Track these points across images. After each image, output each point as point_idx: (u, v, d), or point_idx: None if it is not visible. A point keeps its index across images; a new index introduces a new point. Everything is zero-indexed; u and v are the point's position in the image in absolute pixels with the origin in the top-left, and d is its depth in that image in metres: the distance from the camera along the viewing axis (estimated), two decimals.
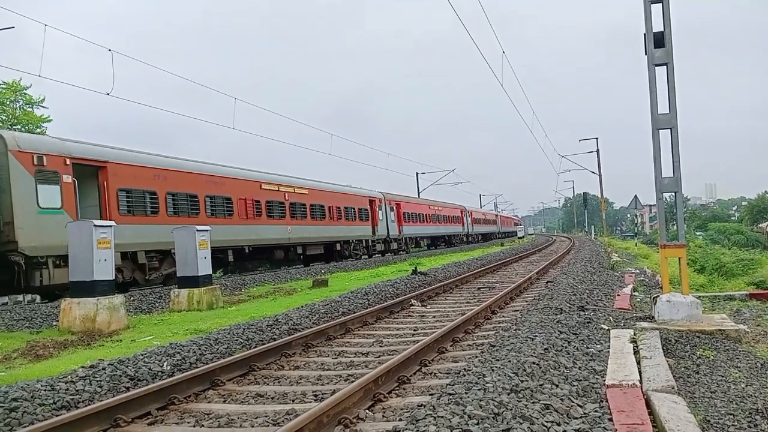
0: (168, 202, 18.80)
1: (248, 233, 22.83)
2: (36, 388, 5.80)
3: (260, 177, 24.73)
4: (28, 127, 37.01)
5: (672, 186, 9.25)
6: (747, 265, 23.36)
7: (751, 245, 51.37)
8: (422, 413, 4.47)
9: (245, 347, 8.26)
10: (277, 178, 26.03)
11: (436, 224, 48.88)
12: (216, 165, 22.54)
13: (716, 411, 4.93)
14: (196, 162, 21.41)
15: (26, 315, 12.23)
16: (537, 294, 12.88)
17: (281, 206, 25.40)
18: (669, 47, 9.16)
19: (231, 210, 21.85)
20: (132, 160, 17.79)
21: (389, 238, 37.65)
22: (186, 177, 19.82)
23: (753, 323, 9.00)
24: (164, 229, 16.96)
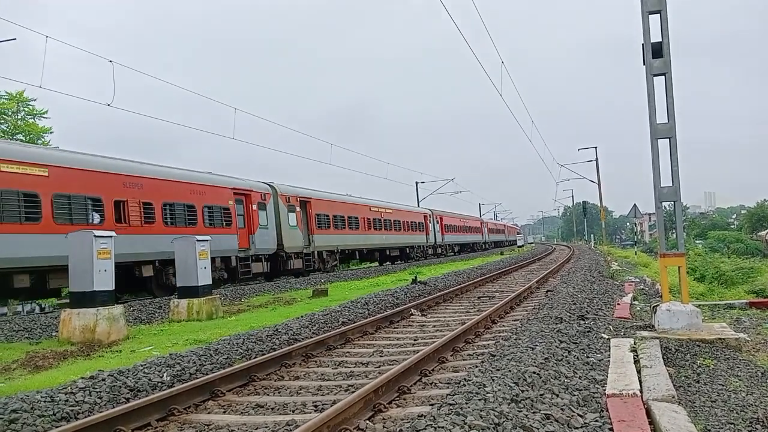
0: (337, 220, 31.50)
1: (366, 240, 35.64)
2: (36, 399, 5.79)
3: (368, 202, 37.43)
4: (29, 138, 37.09)
5: (671, 195, 9.27)
6: (747, 274, 23.28)
7: (751, 253, 51.30)
8: (423, 423, 4.47)
9: (245, 358, 8.25)
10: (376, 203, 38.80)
11: (464, 233, 59.66)
12: (351, 196, 35.95)
13: (717, 420, 4.92)
14: (352, 196, 35.32)
15: (26, 326, 12.21)
16: (537, 303, 12.87)
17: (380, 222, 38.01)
18: (667, 57, 9.21)
19: (358, 224, 34.62)
20: (322, 197, 30.66)
21: (436, 244, 47.79)
22: (340, 205, 32.67)
23: (753, 332, 8.99)
24: (338, 237, 31.41)
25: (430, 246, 46.80)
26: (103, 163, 17.56)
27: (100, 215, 16.80)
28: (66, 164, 16.13)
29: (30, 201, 14.68)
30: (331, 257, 30.82)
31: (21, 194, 14.50)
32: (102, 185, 16.86)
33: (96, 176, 16.80)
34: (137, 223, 17.72)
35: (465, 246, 60.17)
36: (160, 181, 19.23)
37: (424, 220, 45.88)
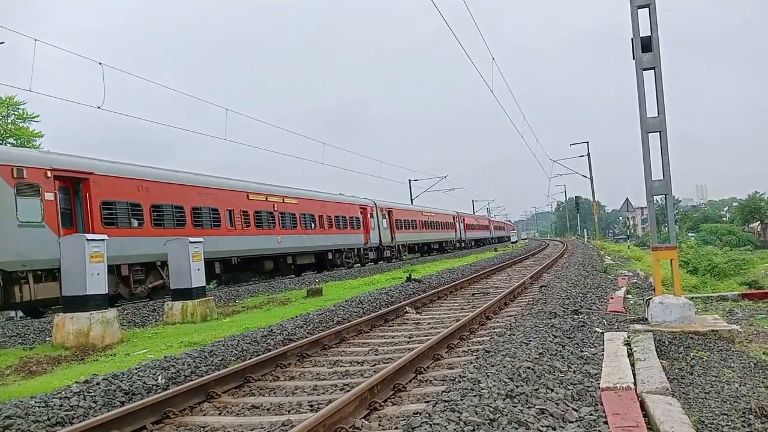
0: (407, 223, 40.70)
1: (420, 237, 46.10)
2: (30, 405, 5.76)
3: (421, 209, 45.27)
4: (19, 142, 36.85)
5: (662, 189, 9.31)
6: (739, 266, 23.44)
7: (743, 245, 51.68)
8: (418, 421, 4.48)
9: (240, 359, 8.23)
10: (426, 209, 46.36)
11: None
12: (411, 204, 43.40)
13: (710, 411, 4.94)
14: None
15: (19, 331, 12.15)
16: (531, 299, 12.91)
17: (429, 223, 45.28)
18: (656, 51, 9.24)
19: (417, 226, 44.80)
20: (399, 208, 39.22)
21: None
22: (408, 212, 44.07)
23: (746, 323, 9.05)
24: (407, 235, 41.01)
25: (458, 241, 58.25)
26: (218, 182, 22.64)
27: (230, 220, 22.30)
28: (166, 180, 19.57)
29: (135, 210, 17.92)
30: (404, 249, 42.97)
31: (131, 204, 17.70)
32: (219, 198, 21.94)
33: (216, 192, 21.89)
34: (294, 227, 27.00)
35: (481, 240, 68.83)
36: (323, 202, 30.59)
37: (453, 220, 57.14)
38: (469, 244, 64.14)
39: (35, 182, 14.78)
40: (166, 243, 14.15)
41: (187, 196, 20.24)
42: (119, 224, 17.16)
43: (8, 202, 14.14)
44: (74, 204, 16.16)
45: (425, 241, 48.79)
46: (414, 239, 45.12)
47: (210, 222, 21.27)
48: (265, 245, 24.58)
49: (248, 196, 24.06)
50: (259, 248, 24.14)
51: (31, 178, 14.70)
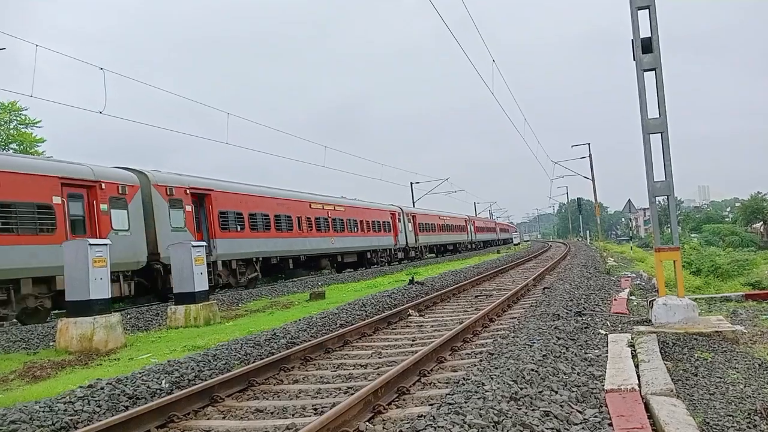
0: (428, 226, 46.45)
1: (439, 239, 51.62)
2: (34, 410, 5.77)
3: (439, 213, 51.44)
4: (22, 147, 36.96)
5: (664, 190, 9.30)
6: (742, 266, 23.40)
7: (746, 246, 51.54)
8: (422, 424, 4.47)
9: (244, 362, 8.23)
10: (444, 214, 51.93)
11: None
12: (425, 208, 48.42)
13: (715, 413, 4.94)
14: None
15: (23, 336, 12.15)
16: (534, 301, 12.90)
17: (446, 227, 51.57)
18: (657, 52, 9.25)
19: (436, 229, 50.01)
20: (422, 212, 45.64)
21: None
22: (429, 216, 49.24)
23: (750, 324, 9.03)
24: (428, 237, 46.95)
25: (469, 242, 63.04)
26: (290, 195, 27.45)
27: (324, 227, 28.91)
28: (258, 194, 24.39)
29: (238, 218, 22.20)
30: (426, 249, 47.20)
31: (236, 213, 22.11)
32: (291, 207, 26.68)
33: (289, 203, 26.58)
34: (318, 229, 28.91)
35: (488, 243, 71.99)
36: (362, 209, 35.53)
37: (465, 223, 62.55)
38: (479, 246, 68.10)
39: (180, 198, 19.42)
40: (169, 247, 14.17)
41: (270, 206, 24.99)
42: (230, 229, 21.76)
43: (164, 213, 18.69)
44: (200, 214, 20.68)
45: (442, 243, 53.39)
46: (433, 241, 50.06)
47: (286, 227, 26.03)
48: (323, 246, 29.52)
49: (310, 206, 28.91)
50: (319, 248, 29.07)
51: (177, 195, 19.32)
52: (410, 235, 43.31)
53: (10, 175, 14.25)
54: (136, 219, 17.61)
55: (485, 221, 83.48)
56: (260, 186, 25.72)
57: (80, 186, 16.08)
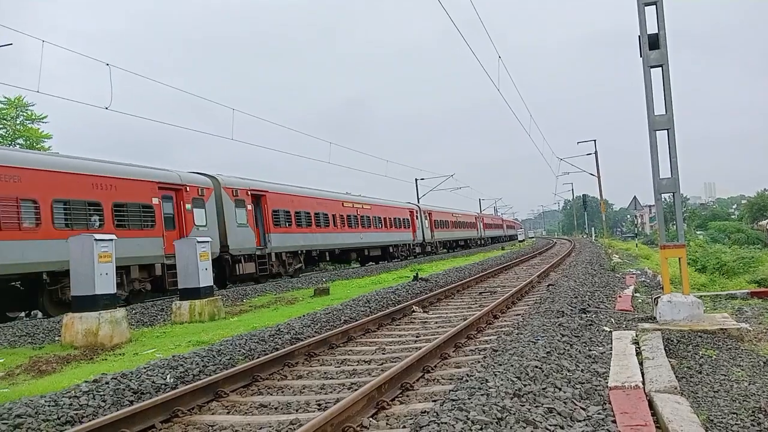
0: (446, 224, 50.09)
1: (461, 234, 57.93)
2: (40, 404, 5.80)
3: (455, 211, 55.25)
4: (29, 143, 37.07)
5: (670, 186, 9.27)
6: (748, 264, 23.28)
7: (752, 243, 51.32)
8: (426, 420, 4.48)
9: (248, 358, 8.26)
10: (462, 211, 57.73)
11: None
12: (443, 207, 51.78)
13: (719, 410, 4.93)
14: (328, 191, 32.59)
15: (28, 331, 12.22)
16: (538, 297, 12.89)
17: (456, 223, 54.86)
18: (664, 49, 9.20)
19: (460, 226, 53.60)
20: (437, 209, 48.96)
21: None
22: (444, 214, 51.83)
23: (755, 321, 9.00)
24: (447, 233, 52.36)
25: (479, 238, 66.43)
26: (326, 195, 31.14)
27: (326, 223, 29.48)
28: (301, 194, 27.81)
29: (286, 215, 25.63)
30: (440, 245, 50.66)
31: (285, 211, 25.55)
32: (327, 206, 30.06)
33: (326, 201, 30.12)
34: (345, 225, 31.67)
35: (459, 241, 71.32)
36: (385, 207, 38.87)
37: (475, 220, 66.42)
38: (487, 241, 70.76)
39: (243, 198, 22.53)
40: (175, 242, 14.23)
41: (311, 205, 28.21)
42: (280, 225, 24.94)
43: (231, 211, 21.65)
44: (257, 212, 23.68)
45: (455, 239, 56.10)
46: (447, 237, 53.37)
47: (323, 223, 29.17)
48: (354, 240, 32.75)
49: (342, 204, 32.07)
50: (350, 243, 32.32)
51: (241, 196, 22.46)
52: (426, 231, 46.59)
53: (124, 181, 17.14)
54: (211, 216, 20.46)
55: (493, 218, 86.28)
56: (303, 187, 28.93)
57: (171, 189, 18.93)
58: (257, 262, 23.00)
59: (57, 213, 14.96)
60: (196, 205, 19.76)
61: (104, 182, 16.50)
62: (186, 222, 19.12)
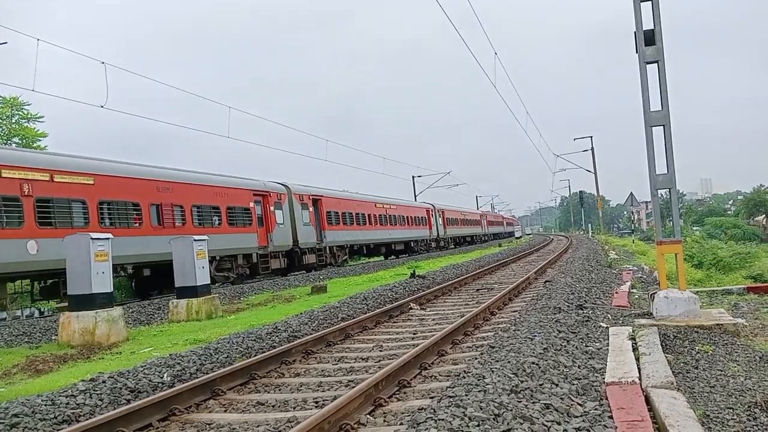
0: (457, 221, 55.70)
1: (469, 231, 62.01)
2: (36, 403, 5.79)
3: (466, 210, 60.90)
4: (24, 142, 36.94)
5: (666, 183, 9.28)
6: (744, 259, 23.39)
7: (748, 239, 51.48)
8: (423, 416, 4.48)
9: (245, 356, 8.25)
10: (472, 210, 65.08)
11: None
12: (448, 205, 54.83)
13: (716, 405, 4.94)
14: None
15: (25, 330, 12.20)
16: (535, 294, 12.90)
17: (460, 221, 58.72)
18: (659, 45, 9.21)
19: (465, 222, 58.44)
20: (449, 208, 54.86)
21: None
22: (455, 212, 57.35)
23: (751, 317, 9.03)
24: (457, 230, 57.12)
25: (483, 234, 71.06)
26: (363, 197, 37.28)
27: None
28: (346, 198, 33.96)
29: (336, 215, 30.76)
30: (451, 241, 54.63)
31: (335, 212, 30.98)
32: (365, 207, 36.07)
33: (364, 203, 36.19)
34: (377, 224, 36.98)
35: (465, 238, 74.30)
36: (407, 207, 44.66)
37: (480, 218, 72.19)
38: (490, 237, 74.50)
39: (306, 202, 27.96)
40: (171, 241, 14.21)
41: (353, 206, 33.91)
42: (332, 223, 30.28)
43: (299, 212, 27.00)
44: (315, 213, 28.77)
45: (463, 235, 60.01)
46: (456, 233, 57.97)
47: (363, 222, 34.82)
48: (384, 236, 38.33)
49: (375, 205, 37.75)
50: (381, 238, 37.99)
51: (305, 200, 27.88)
52: (440, 228, 51.27)
53: (232, 190, 22.64)
54: (286, 216, 25.94)
55: (495, 216, 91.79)
56: (347, 191, 35.58)
57: (260, 195, 24.34)
58: (317, 254, 28.31)
59: (194, 215, 20.20)
60: (277, 208, 25.33)
61: (221, 191, 21.79)
62: (270, 221, 24.52)
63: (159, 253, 17.10)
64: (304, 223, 27.31)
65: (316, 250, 28.15)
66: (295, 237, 26.24)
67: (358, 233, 33.95)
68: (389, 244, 39.90)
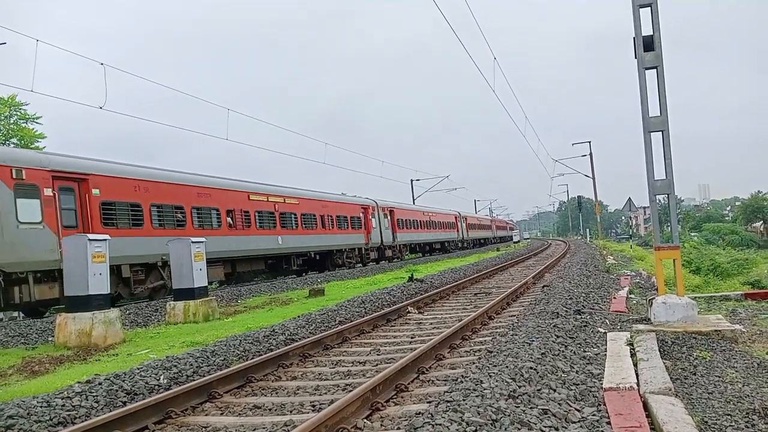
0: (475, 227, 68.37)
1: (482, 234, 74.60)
2: (32, 405, 5.76)
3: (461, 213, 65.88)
4: (22, 142, 36.88)
5: (665, 188, 9.28)
6: (742, 265, 23.40)
7: (746, 245, 51.55)
8: (420, 421, 4.47)
9: (242, 359, 8.23)
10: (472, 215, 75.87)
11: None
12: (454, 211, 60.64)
13: (714, 412, 4.93)
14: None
15: (21, 331, 12.16)
16: (533, 298, 12.89)
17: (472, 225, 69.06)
18: (658, 50, 9.22)
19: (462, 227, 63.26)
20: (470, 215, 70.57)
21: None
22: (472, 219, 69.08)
23: (749, 323, 9.02)
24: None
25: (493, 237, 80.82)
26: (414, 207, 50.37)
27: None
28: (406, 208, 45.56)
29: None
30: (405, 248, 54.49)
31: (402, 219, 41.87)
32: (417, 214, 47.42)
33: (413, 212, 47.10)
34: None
35: None
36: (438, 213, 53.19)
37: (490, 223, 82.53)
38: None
39: (386, 213, 38.45)
40: (168, 243, 14.18)
41: (411, 214, 44.88)
42: (401, 228, 40.26)
43: (383, 220, 37.19)
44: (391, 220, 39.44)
45: (427, 241, 56.40)
46: (476, 236, 67.07)
47: (419, 226, 45.75)
48: (430, 238, 49.04)
49: (424, 213, 48.02)
50: (428, 239, 48.70)
51: (385, 211, 38.27)
52: (464, 231, 56.95)
53: (351, 205, 34.05)
54: (376, 223, 36.68)
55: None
56: (400, 202, 45.47)
57: (364, 208, 35.64)
58: (392, 250, 39.58)
59: (332, 222, 31.06)
60: (372, 216, 36.47)
61: (345, 206, 33.31)
62: (370, 225, 35.76)
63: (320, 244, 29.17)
64: (385, 227, 38.44)
65: (392, 247, 39.66)
66: (381, 237, 37.32)
67: (413, 235, 44.98)
68: (431, 244, 50.50)
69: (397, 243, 40.32)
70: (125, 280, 16.88)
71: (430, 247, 50.27)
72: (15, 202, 13.83)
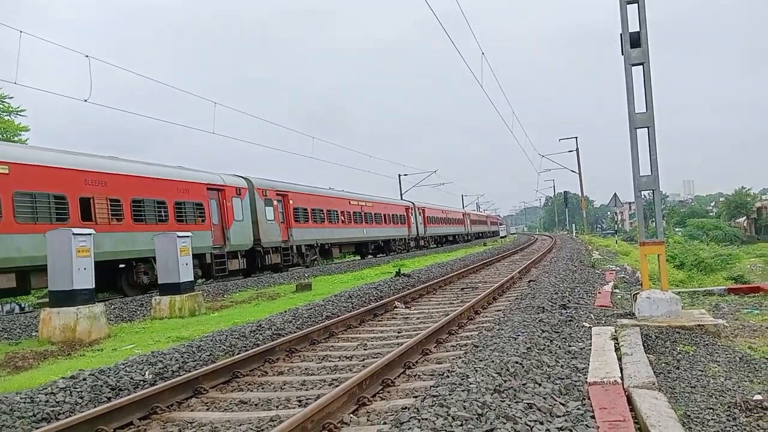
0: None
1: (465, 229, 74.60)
2: (15, 401, 5.71)
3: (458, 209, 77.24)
4: (6, 136, 36.39)
5: (650, 184, 9.36)
6: (725, 260, 23.70)
7: (730, 240, 52.17)
8: (406, 416, 4.48)
9: (228, 354, 8.20)
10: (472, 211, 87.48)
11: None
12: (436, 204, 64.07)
13: (696, 405, 4.99)
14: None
15: (5, 326, 12.03)
16: (519, 293, 12.95)
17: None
18: (645, 47, 9.27)
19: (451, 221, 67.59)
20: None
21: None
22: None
23: (731, 317, 9.13)
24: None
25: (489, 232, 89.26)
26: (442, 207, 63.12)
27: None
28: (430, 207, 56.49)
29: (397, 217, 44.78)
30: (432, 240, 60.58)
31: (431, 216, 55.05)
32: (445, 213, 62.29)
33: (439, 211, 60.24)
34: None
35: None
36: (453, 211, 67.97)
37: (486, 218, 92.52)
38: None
39: (420, 212, 50.14)
40: (155, 237, 14.09)
41: (435, 212, 55.10)
42: (429, 223, 51.79)
43: (419, 218, 49.50)
44: (416, 216, 48.71)
45: (446, 234, 65.75)
46: (438, 232, 65.16)
47: (439, 222, 55.70)
48: (451, 231, 61.38)
49: (442, 211, 58.31)
50: (447, 233, 59.58)
51: (419, 210, 50.19)
52: (420, 226, 57.44)
53: (397, 206, 45.72)
54: (412, 219, 45.08)
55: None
56: (426, 202, 53.92)
57: (407, 208, 46.33)
58: (424, 240, 49.55)
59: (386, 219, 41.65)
60: (411, 215, 46.33)
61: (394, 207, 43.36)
62: (410, 221, 45.66)
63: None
64: (420, 223, 49.16)
65: (423, 238, 50.05)
66: (417, 231, 47.86)
67: (441, 229, 56.62)
68: (446, 236, 60.20)
69: (427, 235, 52.13)
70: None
71: (446, 238, 60.61)
72: (264, 209, 25.19)
